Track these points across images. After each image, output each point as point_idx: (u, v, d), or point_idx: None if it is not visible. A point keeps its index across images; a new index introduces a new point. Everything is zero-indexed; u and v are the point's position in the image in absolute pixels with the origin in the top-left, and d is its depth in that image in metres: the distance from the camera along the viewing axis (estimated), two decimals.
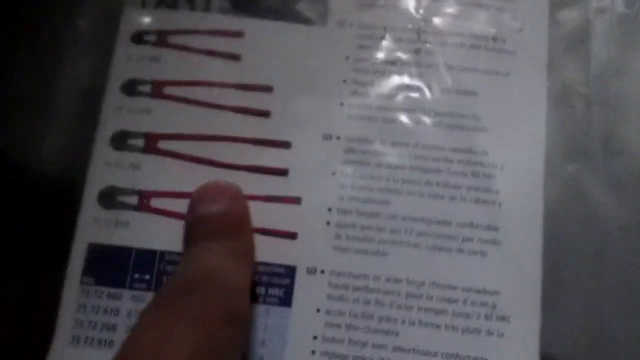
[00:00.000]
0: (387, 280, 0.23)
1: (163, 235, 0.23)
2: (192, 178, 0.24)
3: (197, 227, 0.21)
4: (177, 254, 0.23)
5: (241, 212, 0.21)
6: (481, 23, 0.25)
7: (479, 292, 0.23)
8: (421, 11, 0.25)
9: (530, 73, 0.25)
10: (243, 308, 0.19)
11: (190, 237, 0.21)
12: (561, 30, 0.26)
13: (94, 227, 0.23)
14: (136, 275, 0.23)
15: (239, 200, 0.21)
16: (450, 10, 0.25)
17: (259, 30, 0.25)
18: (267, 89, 0.25)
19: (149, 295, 0.22)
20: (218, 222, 0.21)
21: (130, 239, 0.23)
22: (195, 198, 0.21)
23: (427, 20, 0.25)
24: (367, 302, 0.23)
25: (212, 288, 0.18)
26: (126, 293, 0.23)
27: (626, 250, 0.24)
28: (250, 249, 0.21)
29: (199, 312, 0.17)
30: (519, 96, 0.25)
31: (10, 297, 0.23)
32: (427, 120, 0.24)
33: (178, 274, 0.20)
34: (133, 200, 0.23)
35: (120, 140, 0.24)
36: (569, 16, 0.26)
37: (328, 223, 0.23)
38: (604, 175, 0.25)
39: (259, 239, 0.23)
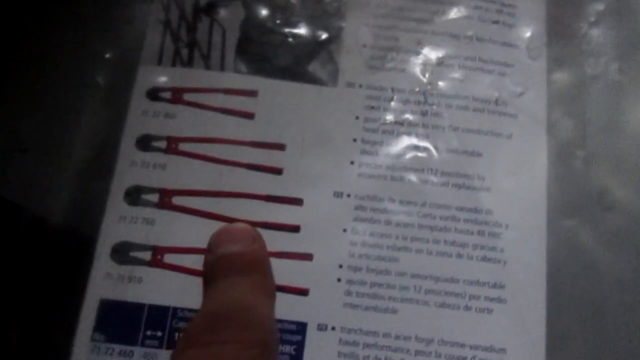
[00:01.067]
0: (397, 337, 0.23)
1: (176, 291, 0.23)
2: (206, 234, 0.24)
3: (220, 265, 0.21)
4: (191, 310, 0.23)
5: (261, 251, 0.22)
6: (484, 87, 0.26)
7: (486, 349, 0.23)
8: (427, 75, 0.26)
9: (531, 134, 0.26)
10: (275, 338, 0.19)
11: (213, 275, 0.21)
12: (558, 93, 0.27)
13: (106, 282, 0.23)
14: (148, 332, 0.23)
15: (257, 240, 0.22)
16: (454, 74, 0.27)
17: (272, 90, 0.26)
18: (280, 146, 0.25)
19: (161, 353, 0.23)
20: (241, 260, 0.21)
21: (143, 295, 0.23)
22: (215, 239, 0.22)
23: (432, 83, 0.26)
24: (377, 359, 0.23)
25: (245, 320, 0.18)
26: (138, 350, 0.23)
27: (624, 303, 0.25)
28: (273, 284, 0.21)
29: (234, 349, 0.18)
30: (521, 157, 0.26)
31: (20, 352, 0.23)
32: (434, 179, 0.25)
33: (208, 309, 0.20)
34: (146, 255, 0.24)
35: (135, 196, 0.24)
36: (566, 81, 0.28)
37: (339, 279, 0.24)
38: (600, 229, 0.26)
39: None
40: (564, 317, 0.24)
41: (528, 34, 0.27)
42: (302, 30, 0.27)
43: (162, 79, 0.26)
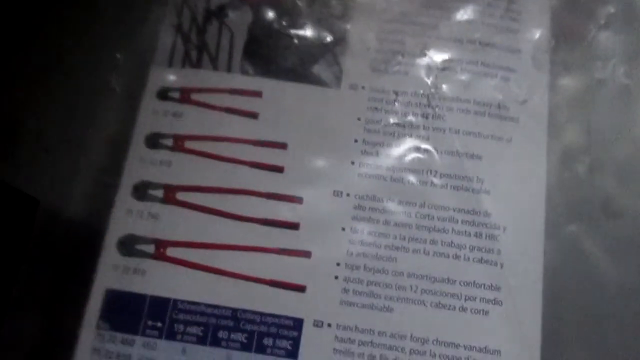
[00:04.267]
0: (392, 336, 0.23)
1: (177, 284, 0.24)
2: (208, 229, 0.25)
3: None
4: (190, 302, 0.24)
5: None
6: (487, 91, 0.27)
7: (480, 350, 0.23)
8: (431, 78, 0.27)
9: (532, 139, 0.26)
10: None
11: None
12: (563, 97, 0.27)
13: (112, 273, 0.24)
14: (149, 322, 0.24)
15: None
16: (458, 78, 0.27)
17: (276, 91, 0.27)
18: (282, 146, 0.26)
19: (160, 342, 0.23)
20: None
21: (146, 287, 0.24)
22: None
23: (436, 87, 0.27)
24: (372, 357, 0.23)
25: None
26: (138, 339, 0.23)
27: (625, 311, 0.25)
28: None
29: None
30: (520, 161, 0.26)
31: (29, 337, 0.24)
32: (434, 180, 0.25)
33: None
34: (150, 249, 0.24)
35: (142, 191, 0.25)
36: (571, 85, 0.27)
37: (336, 277, 0.24)
38: (603, 237, 0.26)
39: (269, 291, 0.24)
40: (561, 322, 0.24)
41: (533, 39, 0.28)
42: (308, 33, 0.27)
43: (172, 80, 0.27)
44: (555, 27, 0.28)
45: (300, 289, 0.24)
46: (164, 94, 0.27)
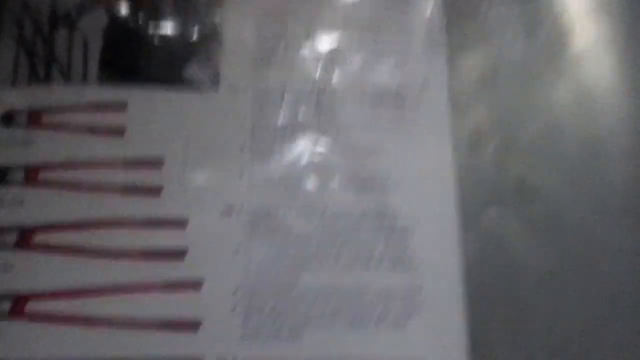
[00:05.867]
0: None
1: (42, 344, 0.20)
2: (75, 273, 0.21)
3: None
4: None
5: None
6: (382, 79, 0.24)
7: None
8: (319, 71, 0.24)
9: (435, 126, 0.24)
10: None
11: None
12: (463, 78, 0.25)
13: None
14: None
15: None
16: (349, 68, 0.24)
17: (143, 101, 0.23)
18: (157, 163, 0.22)
19: None
20: None
21: (2, 353, 0.20)
22: None
23: (326, 79, 0.24)
24: None
25: None
26: None
27: (549, 294, 0.23)
28: None
29: None
30: (425, 151, 0.24)
31: None
32: (333, 184, 0.23)
33: None
34: (5, 306, 0.20)
35: None
36: (469, 64, 0.26)
37: (234, 308, 0.21)
38: (520, 221, 0.24)
39: (157, 335, 0.21)
40: (486, 316, 0.22)
41: (425, 18, 0.25)
42: (173, 31, 0.24)
43: (17, 101, 0.23)
44: (448, 3, 0.26)
45: (194, 326, 0.21)
46: (8, 119, 0.23)
